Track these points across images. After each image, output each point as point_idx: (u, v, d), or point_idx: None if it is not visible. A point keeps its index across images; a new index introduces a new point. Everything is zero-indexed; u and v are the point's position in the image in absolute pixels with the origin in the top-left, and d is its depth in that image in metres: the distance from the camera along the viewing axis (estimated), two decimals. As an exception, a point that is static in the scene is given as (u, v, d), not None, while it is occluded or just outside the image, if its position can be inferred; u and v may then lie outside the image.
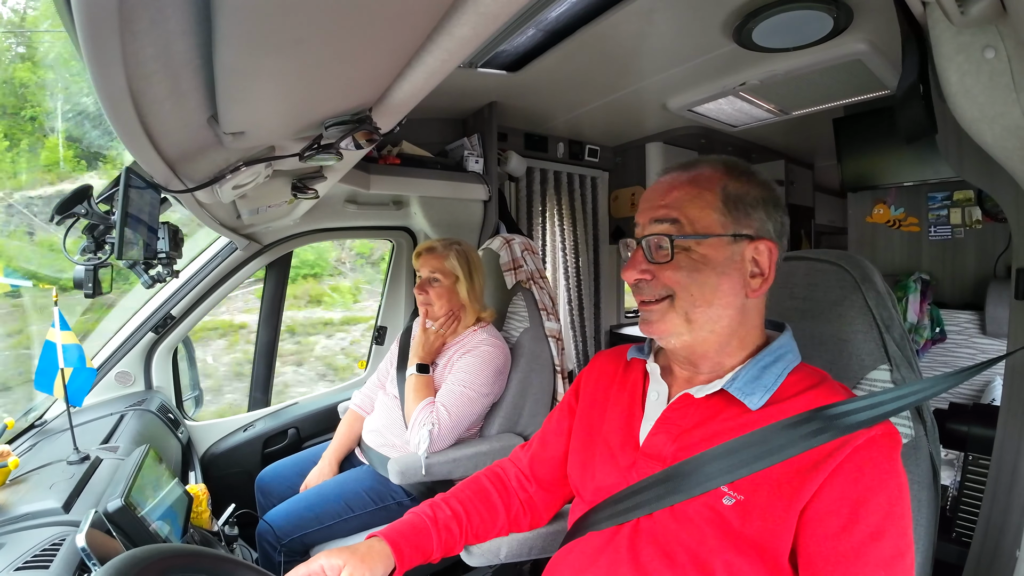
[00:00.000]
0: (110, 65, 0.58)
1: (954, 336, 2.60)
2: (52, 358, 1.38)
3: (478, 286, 1.89)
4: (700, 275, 0.80)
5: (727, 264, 0.81)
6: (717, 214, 0.82)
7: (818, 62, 1.97)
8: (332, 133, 1.02)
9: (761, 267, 0.82)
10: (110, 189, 1.14)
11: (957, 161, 0.99)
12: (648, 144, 3.22)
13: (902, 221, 2.83)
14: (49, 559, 0.91)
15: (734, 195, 0.82)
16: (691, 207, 0.82)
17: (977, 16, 0.64)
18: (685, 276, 0.81)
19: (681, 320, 0.82)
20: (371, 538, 0.95)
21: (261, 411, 2.49)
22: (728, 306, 0.82)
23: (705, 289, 0.81)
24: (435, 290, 1.85)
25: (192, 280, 2.12)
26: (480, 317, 1.89)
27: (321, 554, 0.89)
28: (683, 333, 0.83)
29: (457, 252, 1.87)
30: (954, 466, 1.57)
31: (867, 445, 0.72)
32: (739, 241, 0.81)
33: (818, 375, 0.84)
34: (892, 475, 0.71)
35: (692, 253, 0.81)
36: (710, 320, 0.82)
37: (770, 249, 0.82)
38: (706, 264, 0.81)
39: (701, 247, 0.81)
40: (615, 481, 0.90)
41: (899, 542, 0.69)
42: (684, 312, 0.82)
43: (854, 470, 0.71)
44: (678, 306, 0.82)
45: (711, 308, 0.81)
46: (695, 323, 0.82)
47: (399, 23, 0.70)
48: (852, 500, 0.70)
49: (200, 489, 1.35)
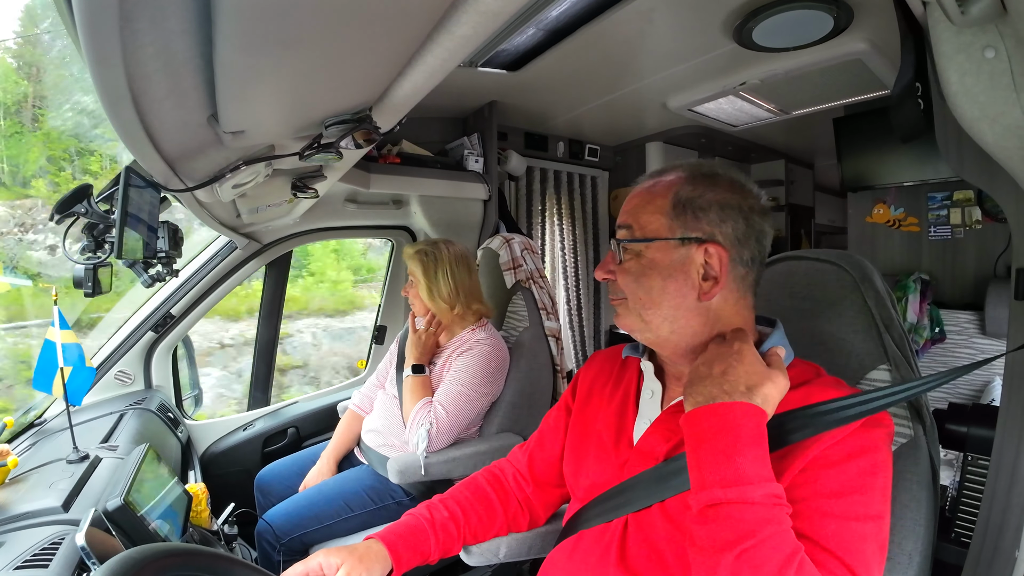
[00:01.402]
0: (110, 64, 0.58)
1: (954, 336, 2.60)
2: (51, 357, 1.38)
3: (446, 287, 1.85)
4: (646, 279, 0.83)
5: (673, 267, 0.82)
6: (665, 219, 0.83)
7: (818, 62, 1.97)
8: (332, 132, 1.02)
9: (713, 270, 0.82)
10: (110, 188, 1.14)
11: (957, 161, 0.99)
12: (648, 143, 3.22)
13: (902, 221, 2.83)
14: (48, 558, 0.91)
15: (684, 199, 0.83)
16: (642, 213, 0.85)
17: (977, 16, 0.64)
18: (632, 280, 0.84)
19: (637, 319, 0.85)
20: (369, 539, 0.96)
21: (260, 410, 2.49)
22: (678, 307, 0.82)
23: (652, 292, 0.83)
24: (412, 290, 1.90)
25: (192, 279, 2.12)
26: (481, 314, 1.89)
27: (320, 552, 0.90)
28: (644, 330, 0.86)
29: (421, 254, 1.86)
30: (953, 466, 1.57)
31: (857, 430, 0.72)
32: (687, 244, 0.82)
33: (812, 370, 0.84)
34: (871, 450, 0.72)
35: (641, 258, 0.84)
36: (666, 320, 0.83)
37: (718, 253, 0.81)
38: (652, 268, 0.83)
39: (648, 251, 0.84)
40: (607, 478, 0.91)
41: (868, 508, 0.69)
42: (637, 312, 0.85)
43: (841, 447, 0.72)
44: (631, 307, 0.85)
45: (660, 309, 0.83)
46: (650, 323, 0.84)
47: (399, 22, 0.70)
48: (830, 467, 0.71)
49: (200, 488, 1.36)
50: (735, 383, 0.72)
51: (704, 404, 0.72)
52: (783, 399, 0.75)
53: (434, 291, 1.84)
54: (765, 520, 0.64)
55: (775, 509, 0.65)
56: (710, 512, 0.67)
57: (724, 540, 0.64)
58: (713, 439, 0.69)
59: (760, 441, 0.69)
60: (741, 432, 0.68)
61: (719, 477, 0.67)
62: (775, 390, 0.73)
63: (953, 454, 1.59)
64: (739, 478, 0.66)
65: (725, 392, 0.72)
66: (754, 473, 0.66)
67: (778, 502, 0.66)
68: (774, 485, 0.67)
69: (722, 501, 0.66)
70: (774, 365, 0.76)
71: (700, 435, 0.71)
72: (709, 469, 0.68)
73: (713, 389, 0.72)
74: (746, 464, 0.66)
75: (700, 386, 0.74)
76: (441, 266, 1.86)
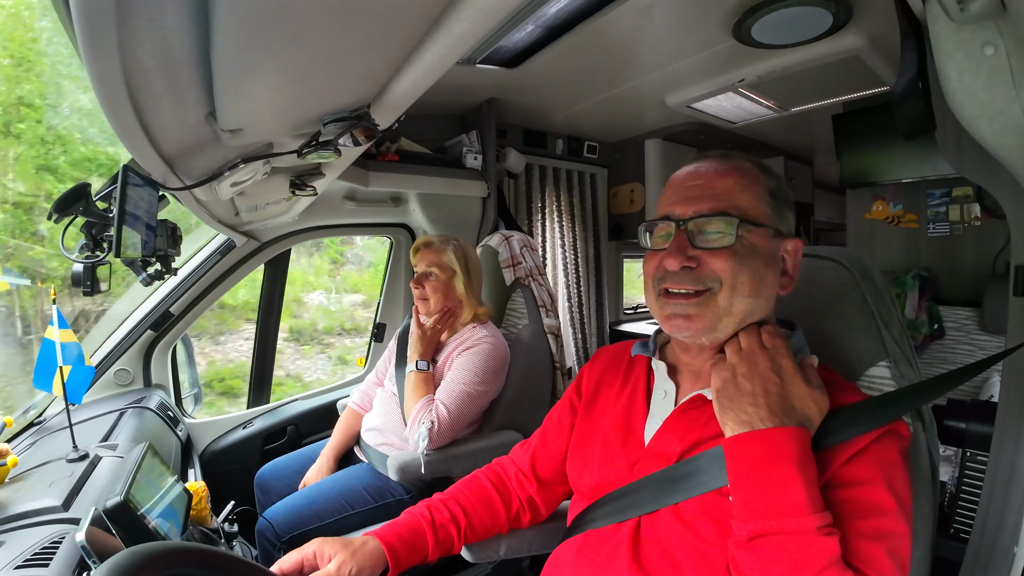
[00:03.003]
0: (107, 61, 0.58)
1: (953, 332, 2.60)
2: (51, 356, 1.38)
3: (475, 282, 1.89)
4: (752, 263, 0.78)
5: (770, 257, 0.80)
6: (765, 206, 0.81)
7: (817, 58, 1.97)
8: (330, 130, 1.02)
9: (788, 265, 0.83)
10: (108, 186, 1.14)
11: (956, 158, 0.99)
12: (647, 140, 3.21)
13: (901, 218, 2.83)
14: (49, 557, 0.91)
15: (775, 191, 0.83)
16: (743, 196, 0.80)
17: (977, 13, 0.64)
18: (737, 264, 0.77)
19: (723, 315, 0.79)
20: (367, 536, 0.96)
21: (260, 408, 2.49)
22: (769, 299, 0.81)
23: (755, 278, 0.78)
24: (431, 284, 1.85)
25: (191, 277, 2.12)
26: (477, 314, 1.89)
27: (316, 540, 0.92)
28: (722, 328, 0.80)
29: (455, 247, 1.87)
30: (952, 462, 1.58)
31: (877, 443, 0.72)
32: (779, 236, 0.82)
33: (828, 374, 0.83)
34: (891, 465, 0.72)
35: (744, 241, 0.78)
36: (749, 313, 0.79)
37: (797, 248, 0.83)
38: (755, 253, 0.78)
39: (752, 235, 0.79)
40: (615, 479, 0.90)
41: (886, 529, 0.69)
42: (728, 303, 0.78)
43: (862, 464, 0.71)
44: (722, 297, 0.78)
45: (756, 300, 0.79)
46: (735, 316, 0.79)
47: (397, 19, 0.70)
48: (852, 487, 0.70)
49: (199, 486, 1.35)
50: (779, 405, 0.71)
51: (748, 430, 0.70)
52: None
53: (473, 285, 1.86)
54: (822, 551, 0.64)
55: (830, 540, 0.64)
56: (763, 542, 0.66)
57: (779, 572, 0.64)
58: (763, 468, 0.68)
59: (810, 466, 0.68)
60: (792, 459, 0.67)
61: (772, 507, 0.66)
62: (818, 413, 0.72)
63: (952, 450, 1.60)
64: (795, 507, 0.65)
65: (772, 414, 0.70)
66: (809, 501, 0.65)
67: (832, 532, 0.65)
68: (826, 514, 0.66)
69: (776, 531, 0.65)
70: (813, 381, 0.74)
71: (748, 463, 0.70)
72: (761, 498, 0.67)
73: (756, 411, 0.71)
74: (801, 492, 0.65)
75: (739, 404, 0.73)
76: (471, 261, 1.87)
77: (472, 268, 1.89)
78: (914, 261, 2.78)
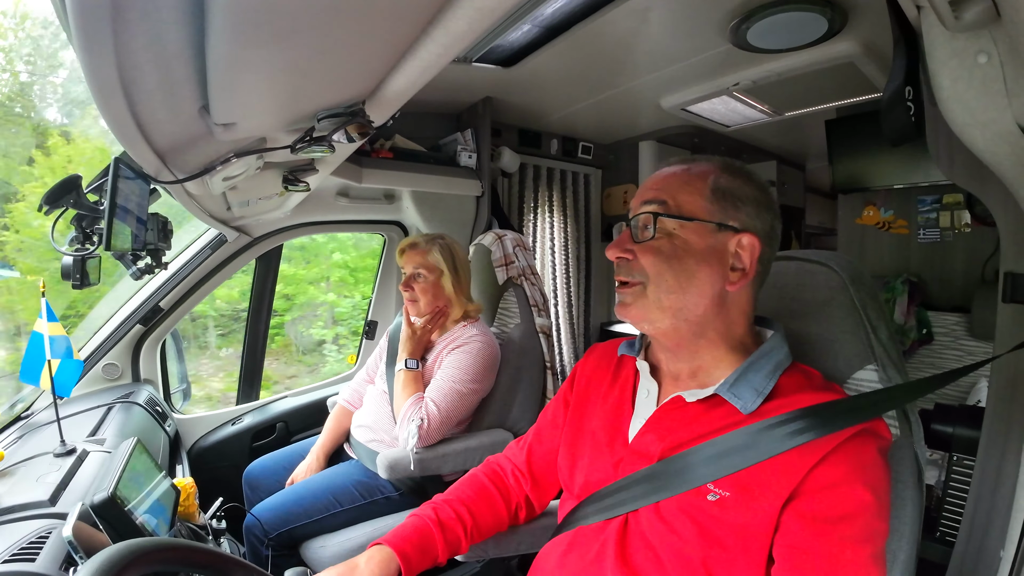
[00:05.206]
0: (101, 55, 0.57)
1: (941, 338, 2.62)
2: (39, 349, 1.37)
3: (464, 279, 1.90)
4: (678, 262, 0.81)
5: (708, 252, 0.82)
6: (704, 201, 0.83)
7: (812, 64, 1.98)
8: (324, 125, 1.01)
9: (743, 261, 0.83)
10: (99, 179, 1.13)
11: (947, 165, 1.00)
12: (641, 142, 3.22)
13: (891, 223, 2.85)
14: (35, 552, 0.90)
15: (724, 187, 0.83)
16: (680, 192, 0.83)
17: (971, 21, 0.64)
18: (661, 261, 0.81)
19: (653, 307, 0.83)
20: (373, 547, 0.95)
21: (249, 405, 2.48)
22: (703, 295, 0.82)
23: (681, 276, 0.81)
24: (420, 285, 1.85)
25: (181, 272, 2.11)
26: (467, 312, 1.89)
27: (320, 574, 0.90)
28: (655, 320, 0.84)
29: (440, 246, 1.86)
30: (939, 465, 1.59)
31: (852, 441, 0.73)
32: (723, 231, 0.82)
33: (810, 375, 0.84)
34: (872, 467, 0.72)
35: (675, 239, 0.82)
36: (683, 308, 0.82)
37: (752, 244, 0.82)
38: (686, 250, 0.81)
39: (684, 231, 0.82)
40: (602, 477, 0.91)
41: (868, 529, 0.70)
42: (657, 299, 0.82)
43: (837, 463, 0.72)
44: (651, 293, 0.82)
45: (685, 295, 0.81)
46: (667, 310, 0.82)
47: (394, 16, 0.70)
48: (830, 488, 0.71)
49: (188, 483, 1.35)
50: None
51: None
52: (784, 404, 0.77)
53: (461, 282, 1.86)
54: None
55: None
56: None
57: None
58: None
59: None
60: None
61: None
62: None
63: (939, 454, 1.61)
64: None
65: None
66: None
67: None
68: None
69: None
70: None
71: None
72: None
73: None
74: None
75: None
76: (459, 258, 1.87)
77: (460, 265, 1.88)
78: (904, 266, 2.80)
